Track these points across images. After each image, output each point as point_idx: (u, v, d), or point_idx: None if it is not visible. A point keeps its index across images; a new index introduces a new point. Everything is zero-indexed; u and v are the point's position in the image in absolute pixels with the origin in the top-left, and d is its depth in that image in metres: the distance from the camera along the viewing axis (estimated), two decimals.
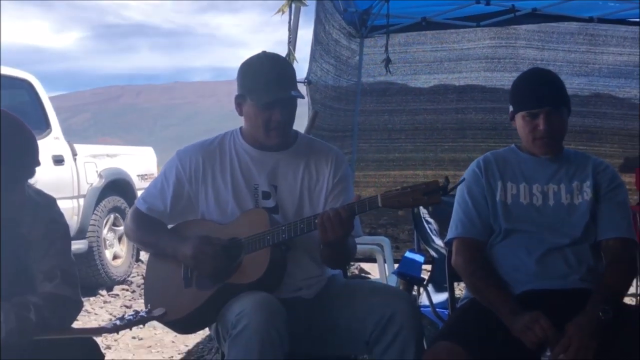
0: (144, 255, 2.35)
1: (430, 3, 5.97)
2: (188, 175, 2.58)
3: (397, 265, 3.92)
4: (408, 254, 3.88)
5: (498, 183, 2.52)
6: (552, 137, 2.47)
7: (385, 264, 4.76)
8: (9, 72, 6.06)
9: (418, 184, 2.18)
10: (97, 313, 5.85)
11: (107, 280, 6.75)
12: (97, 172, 6.80)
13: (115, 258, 7.09)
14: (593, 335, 2.13)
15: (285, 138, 2.57)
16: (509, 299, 2.30)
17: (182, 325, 2.58)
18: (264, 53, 2.58)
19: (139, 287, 6.71)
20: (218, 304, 2.40)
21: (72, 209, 6.32)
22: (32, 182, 2.38)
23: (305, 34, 5.40)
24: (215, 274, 2.42)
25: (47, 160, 5.98)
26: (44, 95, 6.47)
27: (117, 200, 7.04)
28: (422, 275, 3.57)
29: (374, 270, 5.37)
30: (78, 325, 3.67)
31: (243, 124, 2.62)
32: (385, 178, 6.45)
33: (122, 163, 7.31)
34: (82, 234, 6.46)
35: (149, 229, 2.62)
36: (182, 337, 4.67)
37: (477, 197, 2.52)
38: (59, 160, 6.29)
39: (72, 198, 6.39)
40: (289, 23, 4.91)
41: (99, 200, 6.75)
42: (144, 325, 2.20)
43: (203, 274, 2.46)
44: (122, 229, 6.80)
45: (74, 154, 6.54)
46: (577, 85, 6.13)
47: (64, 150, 6.44)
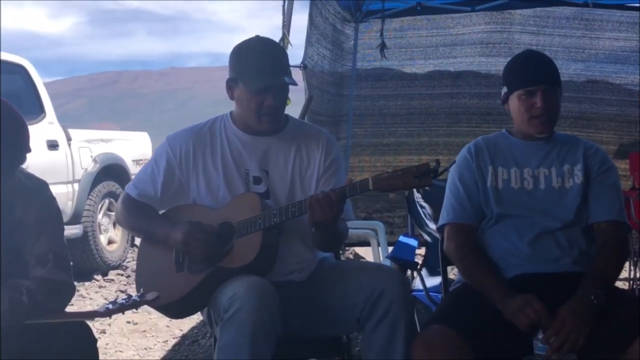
0: (139, 241, 2.37)
1: None
2: (178, 161, 2.57)
3: (391, 250, 3.93)
4: (402, 238, 3.91)
5: (489, 168, 2.52)
6: (548, 115, 2.47)
7: (380, 248, 4.77)
8: (3, 57, 6.01)
9: (409, 167, 2.17)
10: (92, 298, 5.86)
11: (102, 265, 6.75)
12: (91, 157, 6.78)
13: (110, 243, 7.08)
14: (585, 319, 2.14)
15: (277, 123, 2.56)
16: (502, 283, 2.31)
17: (174, 310, 2.58)
18: (257, 37, 2.57)
19: (134, 272, 6.69)
20: (210, 288, 2.40)
21: (66, 194, 6.30)
22: (23, 166, 2.37)
23: (300, 20, 5.38)
24: (207, 259, 2.42)
25: (41, 145, 5.97)
26: (39, 80, 6.44)
27: (111, 185, 7.02)
28: (415, 260, 3.58)
29: (369, 255, 5.38)
30: (72, 310, 3.68)
31: (234, 109, 2.61)
32: (380, 163, 6.43)
33: (116, 148, 7.28)
34: (76, 219, 6.45)
35: (140, 215, 2.61)
36: (176, 321, 4.68)
37: (468, 182, 2.52)
38: (54, 145, 6.26)
39: (66, 183, 6.37)
40: (283, 7, 4.89)
41: (94, 185, 6.73)
42: (138, 309, 2.20)
43: (194, 259, 2.45)
44: None
45: (69, 139, 6.51)
46: (573, 71, 6.09)
47: (59, 135, 6.41)
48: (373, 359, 2.34)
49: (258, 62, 2.45)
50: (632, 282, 4.63)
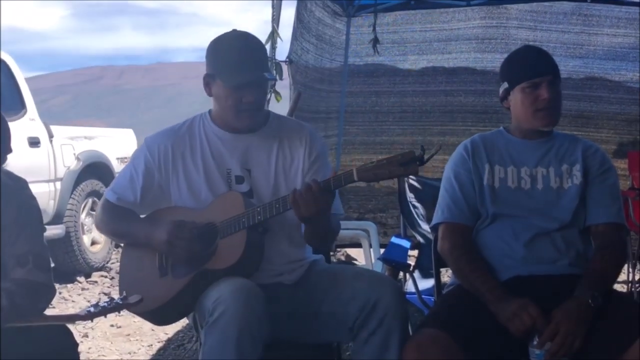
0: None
1: None
2: (157, 164, 2.53)
3: (383, 251, 3.92)
4: (394, 240, 3.92)
5: (485, 166, 2.50)
6: (554, 107, 2.45)
7: (371, 250, 4.77)
8: None
9: (394, 155, 2.14)
10: (74, 300, 5.78)
11: (85, 267, 6.67)
12: (74, 154, 6.68)
13: (94, 244, 6.99)
14: (581, 322, 2.12)
15: (257, 119, 2.53)
16: (496, 286, 2.29)
17: (158, 316, 2.55)
18: (235, 31, 2.52)
19: (118, 273, 6.63)
20: (195, 292, 2.36)
21: (48, 193, 6.21)
22: (3, 165, 2.35)
23: (291, 14, 5.30)
24: (191, 260, 2.38)
25: (22, 142, 5.87)
26: (20, 75, 6.34)
27: (95, 184, 6.93)
28: (408, 261, 3.54)
29: (361, 256, 5.37)
30: (54, 313, 3.60)
31: (212, 106, 2.58)
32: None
33: (100, 145, 7.20)
34: (59, 219, 6.36)
35: (121, 219, 2.58)
36: None
37: (464, 181, 2.50)
38: (35, 142, 6.16)
39: (48, 181, 6.27)
40: (273, 1, 4.82)
41: (77, 184, 6.64)
42: (120, 313, 2.19)
43: (178, 261, 2.41)
44: None
45: (51, 136, 6.40)
46: (571, 68, 6.11)
47: (40, 132, 6.31)
48: None
49: (235, 57, 2.42)
50: (630, 284, 4.62)
